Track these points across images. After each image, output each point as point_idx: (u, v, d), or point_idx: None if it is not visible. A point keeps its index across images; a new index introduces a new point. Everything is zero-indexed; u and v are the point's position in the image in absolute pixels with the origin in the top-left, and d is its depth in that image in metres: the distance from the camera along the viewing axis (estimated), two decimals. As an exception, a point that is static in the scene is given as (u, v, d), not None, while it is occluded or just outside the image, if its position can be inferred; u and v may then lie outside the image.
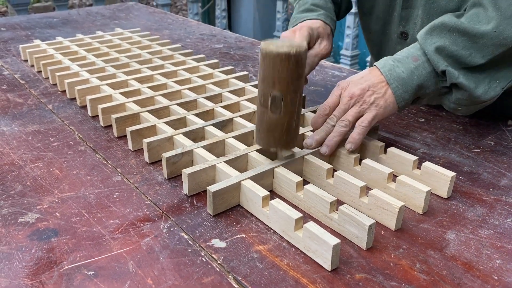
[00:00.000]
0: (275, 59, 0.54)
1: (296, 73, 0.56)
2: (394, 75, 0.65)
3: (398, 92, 0.65)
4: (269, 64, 0.55)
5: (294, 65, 0.55)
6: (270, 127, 0.59)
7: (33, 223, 0.56)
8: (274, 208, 0.54)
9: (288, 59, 0.54)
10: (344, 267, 0.50)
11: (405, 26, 0.83)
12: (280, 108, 0.57)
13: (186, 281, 0.48)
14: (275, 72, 0.55)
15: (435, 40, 0.65)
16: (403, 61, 0.66)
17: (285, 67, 0.54)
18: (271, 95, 0.56)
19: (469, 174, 0.68)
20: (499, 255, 0.52)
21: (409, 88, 0.65)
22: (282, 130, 0.59)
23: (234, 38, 1.39)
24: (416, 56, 0.66)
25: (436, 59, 0.64)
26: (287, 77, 0.55)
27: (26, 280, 0.48)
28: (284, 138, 0.60)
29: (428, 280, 0.48)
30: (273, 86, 0.56)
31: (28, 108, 0.88)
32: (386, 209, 0.56)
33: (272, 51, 0.54)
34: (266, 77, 0.56)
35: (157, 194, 0.62)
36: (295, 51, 0.54)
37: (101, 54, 1.09)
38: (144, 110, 0.78)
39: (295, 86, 0.57)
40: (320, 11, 0.80)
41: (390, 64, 0.66)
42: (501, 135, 0.80)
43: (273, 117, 0.58)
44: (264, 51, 0.55)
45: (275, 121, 0.58)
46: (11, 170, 0.67)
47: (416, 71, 0.65)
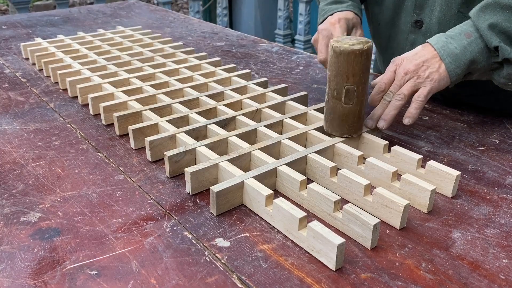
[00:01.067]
0: (349, 56, 0.61)
1: (366, 66, 0.62)
2: (447, 51, 0.68)
3: (451, 67, 0.67)
4: (343, 61, 0.61)
5: (366, 60, 0.61)
6: (343, 117, 0.66)
7: (35, 222, 0.56)
8: (277, 207, 0.54)
9: (361, 54, 0.61)
10: (349, 266, 0.50)
11: (419, 14, 0.83)
12: (353, 99, 0.64)
13: (190, 281, 0.47)
14: (349, 67, 0.61)
15: (488, 17, 0.66)
16: (456, 38, 0.68)
17: (358, 62, 0.61)
18: (345, 88, 0.63)
19: (474, 173, 0.67)
20: (505, 254, 0.52)
21: (461, 63, 0.67)
22: (354, 118, 0.66)
23: (236, 36, 1.38)
24: (469, 33, 0.68)
25: (489, 35, 0.66)
26: (359, 71, 0.62)
27: (29, 280, 0.47)
28: (356, 125, 0.67)
29: (434, 280, 0.48)
30: (347, 79, 0.62)
31: (30, 106, 0.87)
32: (391, 208, 0.55)
33: (346, 48, 0.61)
34: (339, 72, 0.62)
35: (160, 193, 0.62)
36: (367, 47, 0.61)
37: (103, 52, 1.09)
38: (146, 109, 0.78)
39: (365, 78, 0.63)
40: (348, 2, 0.84)
41: (443, 41, 0.69)
42: (505, 133, 0.79)
43: (346, 107, 0.65)
44: (338, 49, 0.61)
45: (348, 111, 0.65)
46: (13, 169, 0.67)
47: (469, 47, 0.67)
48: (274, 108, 0.80)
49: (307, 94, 0.86)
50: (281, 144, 0.68)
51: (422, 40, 0.84)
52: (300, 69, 1.10)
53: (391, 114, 0.68)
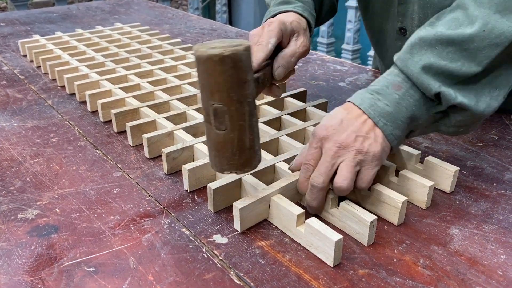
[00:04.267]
0: (207, 63, 0.45)
1: (237, 79, 0.46)
2: (377, 110, 0.55)
3: (388, 130, 0.54)
4: (203, 70, 0.46)
5: (232, 69, 0.45)
6: (218, 146, 0.49)
7: (33, 219, 0.56)
8: (275, 204, 0.54)
9: (221, 61, 0.44)
10: (347, 262, 0.49)
11: (402, 21, 0.79)
12: (225, 123, 0.47)
13: (187, 277, 0.47)
14: (210, 79, 0.46)
15: (417, 59, 0.55)
16: (383, 93, 0.56)
17: (221, 72, 0.45)
18: (212, 107, 0.47)
19: (473, 169, 0.67)
20: (503, 250, 0.52)
21: (399, 122, 0.55)
22: (232, 149, 0.49)
23: (235, 32, 1.38)
24: (397, 84, 0.56)
25: (426, 81, 0.54)
26: (226, 84, 0.45)
27: (26, 276, 0.47)
28: (237, 158, 0.49)
29: (432, 276, 0.48)
30: (212, 96, 0.46)
31: (28, 103, 0.87)
32: (389, 204, 0.55)
33: (202, 54, 0.44)
34: (203, 86, 0.47)
35: (158, 189, 0.61)
36: (231, 51, 0.44)
37: (101, 49, 1.09)
38: (144, 105, 0.78)
39: (238, 95, 0.46)
40: (297, 3, 0.71)
41: (369, 99, 0.56)
42: (504, 129, 0.79)
43: (219, 134, 0.48)
44: (195, 54, 0.45)
45: (223, 139, 0.48)
46: (11, 166, 0.67)
47: (402, 101, 0.55)
48: (272, 104, 0.80)
49: (305, 90, 0.85)
50: (279, 140, 0.68)
51: None
52: (299, 66, 1.09)
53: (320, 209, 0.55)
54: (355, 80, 1.01)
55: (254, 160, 0.51)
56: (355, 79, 1.02)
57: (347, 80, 1.01)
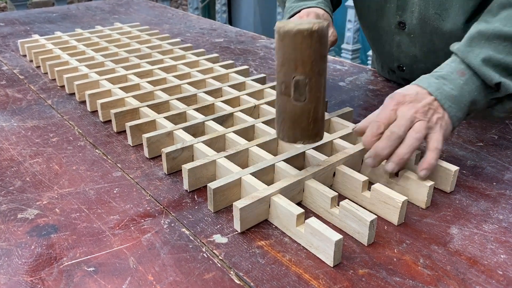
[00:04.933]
0: (296, 37, 0.48)
1: (320, 52, 0.49)
2: (444, 93, 0.60)
3: (453, 112, 0.60)
4: (289, 44, 0.49)
5: (318, 43, 0.49)
6: (295, 117, 0.52)
7: (33, 219, 0.56)
8: (275, 203, 0.54)
9: (310, 36, 0.48)
10: (347, 262, 0.49)
11: (402, 15, 0.81)
12: (304, 94, 0.51)
13: (187, 277, 0.47)
14: (296, 52, 0.49)
15: (477, 51, 0.61)
16: (448, 78, 0.61)
17: (308, 46, 0.48)
18: (294, 79, 0.50)
19: (473, 168, 0.67)
20: (503, 249, 0.52)
21: (462, 105, 0.61)
22: (308, 119, 0.52)
23: (235, 32, 1.38)
24: (461, 70, 0.61)
25: (486, 72, 0.60)
26: (310, 57, 0.49)
27: (26, 276, 0.47)
28: (312, 129, 0.53)
29: (432, 276, 0.48)
30: (295, 69, 0.50)
31: (27, 103, 0.87)
32: (389, 204, 0.55)
33: (291, 28, 0.48)
34: (286, 60, 0.50)
35: (158, 189, 0.61)
36: (318, 26, 0.48)
37: (100, 49, 1.08)
38: (144, 105, 0.78)
39: (319, 68, 0.50)
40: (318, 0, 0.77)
41: (435, 82, 0.61)
42: (504, 128, 0.79)
43: (297, 105, 0.51)
44: (281, 30, 0.48)
45: (300, 110, 0.52)
46: (10, 166, 0.66)
47: (466, 86, 0.61)
48: (272, 104, 0.80)
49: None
50: (279, 140, 0.68)
51: (407, 41, 0.84)
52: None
53: (406, 158, 0.57)
54: (355, 79, 1.01)
55: (322, 131, 0.55)
56: (354, 78, 1.02)
57: (347, 80, 1.01)
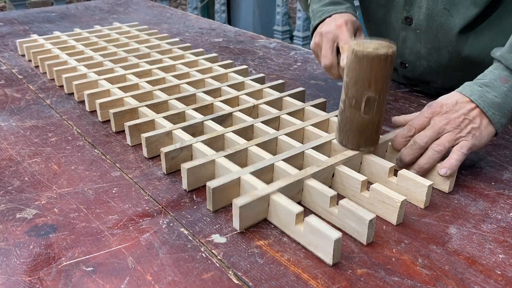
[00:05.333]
0: (373, 61, 0.54)
1: (389, 73, 0.56)
2: (487, 101, 0.62)
3: (496, 118, 0.62)
4: (366, 66, 0.55)
5: (389, 66, 0.55)
6: (361, 128, 0.60)
7: (31, 219, 0.55)
8: (274, 202, 0.54)
9: (386, 60, 0.54)
10: (346, 262, 0.49)
11: (409, 10, 0.82)
12: (373, 109, 0.58)
13: (186, 277, 0.47)
14: (372, 73, 0.55)
15: None
16: (491, 85, 0.63)
17: (382, 68, 0.55)
18: (366, 96, 0.57)
19: (471, 168, 0.67)
20: (502, 249, 0.52)
21: (506, 112, 0.62)
22: (373, 129, 0.60)
23: (234, 32, 1.38)
24: (505, 77, 0.63)
25: None
26: (383, 78, 0.56)
27: (24, 276, 0.47)
28: (374, 137, 0.61)
29: (431, 275, 0.48)
30: (369, 87, 0.56)
31: (26, 103, 0.87)
32: (388, 204, 0.55)
33: (370, 53, 0.54)
34: (360, 78, 0.56)
35: (156, 189, 0.61)
36: (392, 52, 0.54)
37: (99, 49, 1.08)
38: (143, 105, 0.78)
39: (387, 86, 0.58)
40: (347, 4, 0.80)
41: (478, 91, 0.63)
42: (503, 128, 0.79)
43: (365, 118, 0.59)
44: (360, 53, 0.54)
45: (367, 122, 0.59)
46: (9, 166, 0.66)
47: (510, 93, 0.62)
48: (271, 104, 0.80)
49: (304, 90, 0.85)
50: (278, 140, 0.68)
51: (413, 36, 0.84)
52: (297, 65, 1.09)
53: (425, 168, 0.61)
54: (354, 79, 1.01)
55: (379, 140, 0.63)
56: (353, 78, 1.02)
57: (346, 80, 1.01)
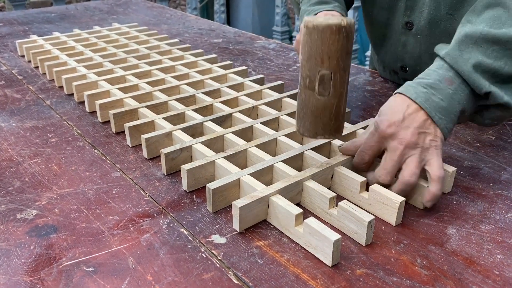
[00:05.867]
0: (324, 32, 0.49)
1: (346, 48, 0.51)
2: (433, 105, 0.57)
3: (443, 124, 0.57)
4: (317, 39, 0.49)
5: (345, 39, 0.50)
6: (317, 112, 0.54)
7: (32, 219, 0.56)
8: (274, 203, 0.54)
9: (339, 31, 0.49)
10: (345, 262, 0.50)
11: (410, 16, 0.81)
12: (329, 89, 0.52)
13: (186, 277, 0.47)
14: (324, 47, 0.50)
15: (467, 56, 0.57)
16: (437, 87, 0.58)
17: (336, 41, 0.49)
18: (319, 74, 0.51)
19: (470, 169, 0.67)
20: (500, 250, 0.52)
21: (452, 116, 0.58)
22: (330, 114, 0.54)
23: (233, 32, 1.38)
24: (449, 79, 0.58)
25: (477, 80, 0.57)
26: (337, 52, 0.50)
27: (25, 276, 0.47)
28: (333, 124, 0.55)
29: (429, 275, 0.48)
30: (322, 63, 0.51)
31: (26, 103, 0.87)
32: (387, 204, 0.55)
33: (321, 23, 0.49)
34: (313, 54, 0.51)
35: (157, 190, 0.62)
36: (346, 22, 0.49)
37: (99, 49, 1.09)
38: (142, 106, 0.78)
39: (345, 63, 0.52)
40: (334, 3, 0.78)
41: (423, 92, 0.58)
42: (501, 129, 0.79)
43: (320, 99, 0.53)
44: (310, 24, 0.49)
45: (323, 104, 0.53)
46: (9, 166, 0.67)
47: (455, 96, 0.57)
48: (271, 105, 0.81)
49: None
50: (277, 141, 0.68)
51: (413, 41, 0.84)
52: (297, 66, 1.10)
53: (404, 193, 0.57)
54: (353, 80, 1.02)
55: (342, 127, 0.56)
56: (353, 79, 1.02)
57: (345, 81, 1.01)
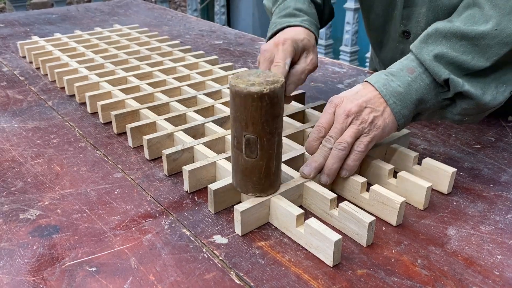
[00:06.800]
0: (246, 99, 0.48)
1: (271, 113, 0.49)
2: (389, 90, 0.60)
3: (397, 108, 0.59)
4: (240, 104, 0.48)
5: (269, 105, 0.48)
6: (246, 171, 0.53)
7: (35, 219, 0.56)
8: (275, 204, 0.54)
9: (260, 99, 0.47)
10: (346, 263, 0.50)
11: (406, 25, 0.80)
12: (256, 152, 0.51)
13: (188, 277, 0.48)
14: (247, 113, 0.48)
15: (432, 48, 0.60)
16: (397, 74, 0.61)
17: (259, 108, 0.48)
18: (245, 137, 0.50)
19: (470, 170, 0.68)
20: (500, 250, 0.52)
21: (408, 103, 0.60)
22: (260, 175, 0.53)
23: (234, 34, 1.39)
24: (411, 68, 0.61)
25: (436, 68, 0.59)
26: (261, 118, 0.49)
27: (28, 276, 0.48)
28: (263, 183, 0.53)
29: (430, 276, 0.48)
30: (246, 128, 0.50)
31: (28, 104, 0.87)
32: (387, 205, 0.56)
33: (242, 90, 0.47)
34: (237, 118, 0.50)
35: (158, 190, 0.62)
36: (269, 89, 0.47)
37: (100, 51, 1.09)
38: (144, 107, 0.78)
39: (271, 128, 0.50)
40: (304, 17, 0.74)
41: (383, 79, 0.61)
42: (501, 131, 0.80)
43: (249, 161, 0.52)
44: (233, 89, 0.48)
45: (251, 166, 0.52)
46: (12, 167, 0.67)
47: (414, 83, 0.60)
48: (272, 106, 0.81)
49: (304, 92, 0.86)
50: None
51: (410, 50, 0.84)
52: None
53: (334, 168, 0.58)
54: (354, 82, 1.02)
55: (276, 184, 0.55)
56: (353, 81, 1.02)
57: (346, 82, 1.02)
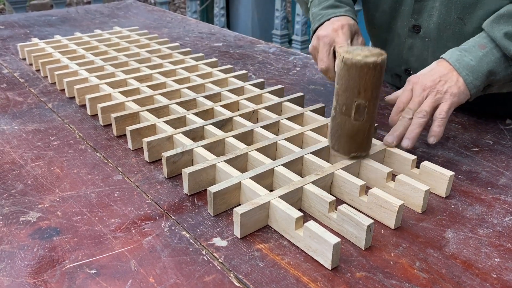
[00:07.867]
0: (362, 69, 0.56)
1: (379, 80, 0.58)
2: (462, 64, 0.68)
3: (469, 79, 0.67)
4: (355, 74, 0.56)
5: (379, 73, 0.57)
6: (352, 134, 0.61)
7: (35, 222, 0.56)
8: (274, 207, 0.54)
9: (375, 68, 0.56)
10: (345, 265, 0.50)
11: (417, 19, 0.83)
12: (363, 116, 0.59)
13: (187, 280, 0.48)
14: (361, 81, 0.57)
15: (502, 27, 0.68)
16: (470, 50, 0.69)
17: (372, 76, 0.56)
18: (355, 103, 0.58)
19: (468, 173, 0.68)
20: (498, 253, 0.53)
21: (479, 74, 0.68)
22: (363, 135, 0.61)
23: (233, 36, 1.39)
24: (483, 44, 0.69)
25: (507, 44, 0.67)
26: (372, 85, 0.57)
27: (29, 279, 0.48)
28: (365, 143, 0.63)
29: (428, 279, 0.49)
30: (358, 94, 0.58)
31: (28, 107, 0.88)
32: (386, 208, 0.56)
33: (359, 61, 0.56)
34: (350, 86, 0.58)
35: (158, 193, 0.62)
36: (381, 59, 0.56)
37: (100, 53, 1.09)
38: (144, 109, 0.78)
39: (377, 93, 0.59)
40: (346, 7, 0.81)
41: (457, 54, 0.69)
42: (499, 134, 0.80)
43: (355, 124, 0.60)
44: (349, 61, 0.56)
45: (357, 128, 0.60)
46: (12, 169, 0.67)
47: (485, 57, 0.68)
48: (271, 109, 0.81)
49: (303, 95, 0.86)
50: (277, 145, 0.69)
51: (420, 44, 0.85)
52: (297, 70, 1.11)
53: (415, 132, 0.66)
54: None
55: (371, 144, 0.65)
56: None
57: (345, 85, 1.02)
